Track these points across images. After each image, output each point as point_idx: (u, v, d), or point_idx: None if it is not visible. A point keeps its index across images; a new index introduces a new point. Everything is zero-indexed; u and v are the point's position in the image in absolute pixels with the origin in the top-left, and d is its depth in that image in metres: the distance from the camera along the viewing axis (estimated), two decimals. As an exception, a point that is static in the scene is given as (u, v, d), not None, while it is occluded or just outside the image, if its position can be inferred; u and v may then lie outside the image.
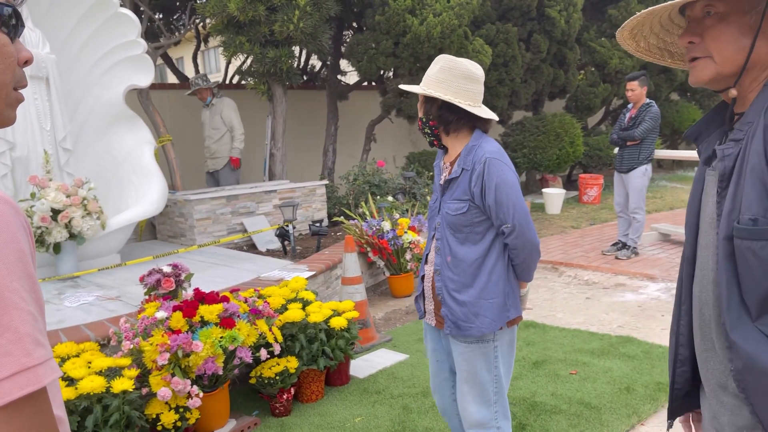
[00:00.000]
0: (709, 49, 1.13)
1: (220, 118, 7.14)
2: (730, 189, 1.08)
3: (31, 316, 0.70)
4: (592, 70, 10.96)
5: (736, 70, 1.12)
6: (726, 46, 1.12)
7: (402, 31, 7.19)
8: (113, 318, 3.49)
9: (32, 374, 0.67)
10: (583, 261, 6.56)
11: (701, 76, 1.16)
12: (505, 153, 2.21)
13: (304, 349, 3.49)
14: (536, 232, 2.17)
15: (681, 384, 1.33)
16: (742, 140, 1.09)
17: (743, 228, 1.04)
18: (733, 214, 1.06)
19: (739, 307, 1.07)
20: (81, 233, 4.54)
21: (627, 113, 6.43)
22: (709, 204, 1.19)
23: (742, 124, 1.11)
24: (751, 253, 1.03)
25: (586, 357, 3.92)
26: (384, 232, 5.23)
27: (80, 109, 5.45)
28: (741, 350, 1.06)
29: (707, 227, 1.19)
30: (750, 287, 1.05)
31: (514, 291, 2.23)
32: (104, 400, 2.75)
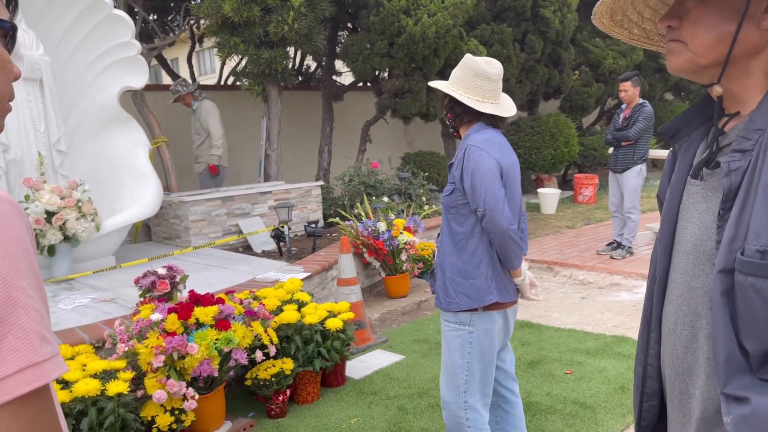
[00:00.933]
0: (685, 36, 0.98)
1: (199, 123, 7.14)
2: (734, 211, 0.88)
3: (38, 313, 0.71)
4: (586, 70, 10.99)
5: (716, 60, 0.95)
6: (703, 32, 0.95)
7: (397, 32, 7.19)
8: (108, 320, 3.48)
9: (38, 370, 0.68)
10: (578, 261, 6.58)
11: (673, 63, 1.00)
12: (496, 143, 2.30)
13: (300, 351, 3.49)
14: (509, 220, 2.21)
15: (648, 420, 1.16)
16: (750, 151, 0.89)
17: (748, 261, 0.84)
18: (735, 243, 0.87)
19: (737, 355, 0.88)
20: (75, 235, 4.53)
21: (621, 113, 6.45)
22: (693, 221, 1.01)
23: (748, 131, 0.91)
24: (756, 293, 0.83)
25: (581, 357, 3.93)
26: (379, 232, 5.24)
27: (74, 111, 5.43)
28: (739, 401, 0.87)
29: (689, 249, 1.01)
30: (752, 332, 0.85)
31: (499, 276, 2.28)
32: (99, 402, 2.74)
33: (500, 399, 2.55)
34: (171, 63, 14.06)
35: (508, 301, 2.31)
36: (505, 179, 2.28)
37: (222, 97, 8.84)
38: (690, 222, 1.02)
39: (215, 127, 7.12)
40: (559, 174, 11.83)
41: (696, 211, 1.01)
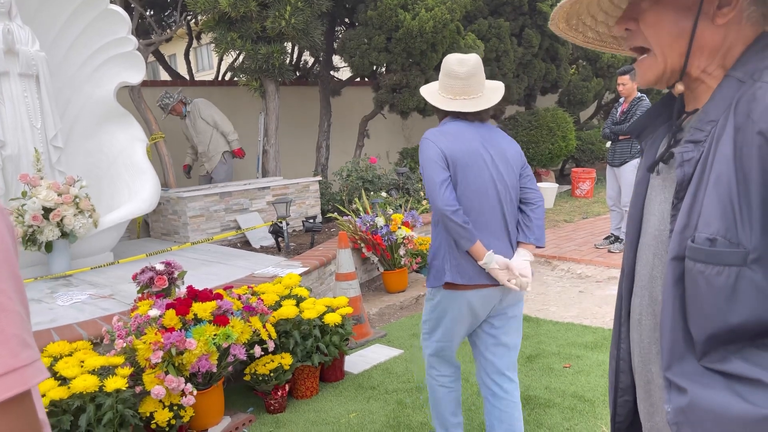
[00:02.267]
0: (648, 40, 0.97)
1: (201, 120, 7.11)
2: (686, 201, 0.90)
3: (18, 316, 0.70)
4: (584, 64, 10.98)
5: (680, 60, 0.96)
6: (665, 33, 0.95)
7: (394, 26, 7.17)
8: (106, 316, 3.47)
9: (19, 376, 0.67)
10: (576, 255, 6.58)
11: (648, 77, 1.00)
12: (451, 133, 2.40)
13: (299, 346, 3.49)
14: (446, 201, 2.30)
15: (624, 415, 1.17)
16: (703, 142, 0.91)
17: (698, 248, 0.86)
18: (687, 231, 0.89)
19: (682, 340, 0.90)
20: (73, 231, 4.52)
21: (619, 108, 6.45)
22: (654, 213, 1.04)
23: (701, 122, 0.92)
24: (704, 280, 0.86)
25: (579, 350, 3.94)
26: (378, 227, 5.23)
27: (71, 107, 5.42)
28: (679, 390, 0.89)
29: (650, 240, 1.03)
30: (698, 319, 0.88)
31: (455, 258, 2.38)
32: (97, 399, 2.74)
33: (487, 391, 2.58)
34: (169, 59, 14.01)
35: (465, 283, 2.37)
36: (454, 167, 2.36)
37: (219, 93, 8.82)
38: (652, 214, 1.04)
39: (221, 116, 7.16)
40: (556, 168, 11.83)
41: (656, 202, 1.03)
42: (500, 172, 2.42)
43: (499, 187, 2.41)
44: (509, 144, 2.50)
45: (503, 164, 2.44)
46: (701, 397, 0.86)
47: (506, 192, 2.43)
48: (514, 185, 2.47)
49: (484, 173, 2.39)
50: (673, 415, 0.89)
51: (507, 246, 2.42)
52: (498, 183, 2.41)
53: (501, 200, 2.42)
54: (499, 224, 2.41)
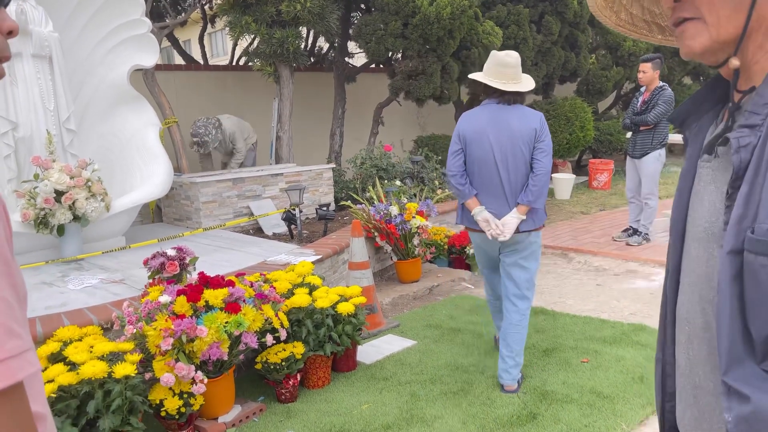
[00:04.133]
0: (700, 9, 0.88)
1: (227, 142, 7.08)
2: (743, 189, 0.82)
3: (5, 303, 0.62)
4: (603, 53, 10.77)
5: (735, 33, 0.87)
6: (721, 3, 0.86)
7: (411, 12, 7.04)
8: (116, 302, 3.43)
9: (4, 368, 0.59)
10: (593, 247, 6.46)
11: (694, 46, 0.90)
12: (470, 115, 3.27)
13: (311, 335, 3.43)
14: (450, 168, 3.25)
15: (672, 422, 1.09)
16: (760, 126, 0.83)
17: (759, 240, 0.79)
18: (744, 222, 0.82)
19: (741, 342, 0.82)
20: (85, 215, 4.48)
21: (640, 97, 6.29)
22: (704, 204, 0.95)
23: (757, 105, 0.85)
24: (766, 274, 0.79)
25: (597, 345, 3.84)
26: (392, 216, 5.15)
27: (84, 90, 5.36)
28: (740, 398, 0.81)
29: (700, 234, 0.95)
30: (759, 318, 0.80)
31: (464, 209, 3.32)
32: (106, 385, 2.69)
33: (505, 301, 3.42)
34: (183, 45, 13.93)
35: (471, 228, 3.32)
36: (464, 142, 3.22)
37: (233, 78, 8.74)
38: (700, 206, 0.96)
39: (241, 144, 7.14)
40: (573, 159, 11.65)
41: (706, 192, 0.95)
42: (500, 145, 3.12)
43: (498, 157, 3.13)
44: (520, 121, 3.13)
45: (506, 139, 3.12)
46: (766, 405, 0.78)
47: (505, 161, 3.13)
48: (518, 155, 3.12)
49: (485, 147, 3.15)
50: (735, 424, 0.81)
51: (504, 204, 3.18)
52: (497, 154, 3.13)
53: (498, 168, 3.14)
54: (496, 187, 3.18)
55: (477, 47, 7.93)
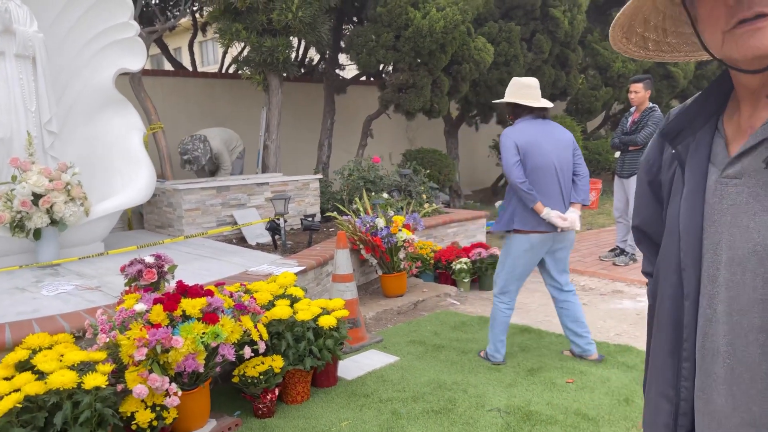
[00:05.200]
0: None
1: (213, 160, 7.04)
2: None
3: None
4: (593, 73, 10.84)
5: None
6: None
7: (404, 24, 7.03)
8: (90, 309, 3.32)
9: None
10: (579, 266, 6.43)
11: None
12: (520, 128, 3.60)
13: (291, 348, 3.33)
14: (518, 177, 3.55)
15: None
16: None
17: None
18: None
19: None
20: (63, 219, 4.36)
21: (629, 117, 6.30)
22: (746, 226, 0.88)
23: None
24: None
25: (583, 365, 3.78)
26: (378, 229, 5.08)
27: (68, 92, 5.26)
28: None
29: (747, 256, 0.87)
30: None
31: (521, 212, 3.61)
32: (75, 396, 2.58)
33: (555, 299, 3.90)
34: (174, 52, 13.85)
35: (528, 229, 3.62)
36: (523, 153, 3.57)
37: (222, 86, 8.68)
38: (738, 227, 0.88)
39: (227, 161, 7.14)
40: (561, 178, 11.68)
41: (747, 213, 0.87)
42: (556, 154, 3.60)
43: (556, 164, 3.60)
44: (563, 133, 3.68)
45: (557, 148, 3.61)
46: None
47: (560, 167, 3.61)
48: (567, 162, 3.65)
49: (545, 155, 3.57)
50: None
51: (561, 205, 3.63)
52: (555, 161, 3.59)
53: (557, 174, 3.60)
54: (555, 190, 3.61)
55: (468, 63, 7.94)
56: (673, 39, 1.04)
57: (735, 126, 0.94)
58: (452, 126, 9.97)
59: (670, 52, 1.07)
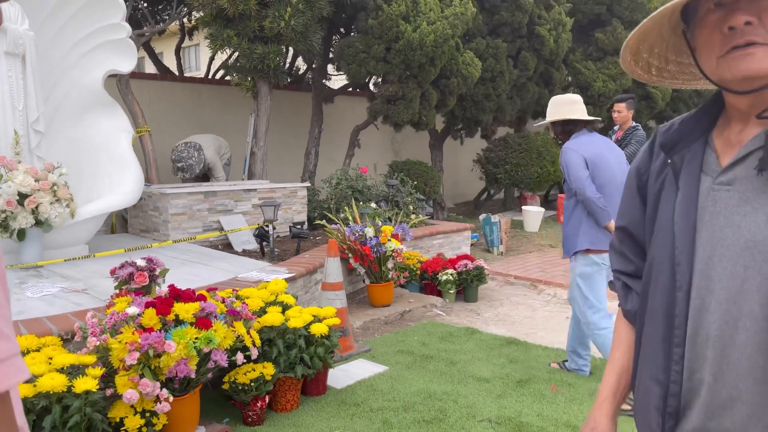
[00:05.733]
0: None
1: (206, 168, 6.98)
2: None
3: None
4: (576, 91, 11.02)
5: None
6: None
7: (395, 37, 7.09)
8: (79, 312, 3.26)
9: None
10: (562, 280, 6.50)
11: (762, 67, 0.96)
12: (583, 142, 3.53)
13: (282, 356, 3.31)
14: (592, 191, 3.44)
15: None
16: None
17: None
18: None
19: None
20: (48, 220, 4.29)
21: (612, 136, 6.41)
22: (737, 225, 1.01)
23: None
24: None
25: (571, 378, 3.81)
26: (367, 238, 5.08)
27: (56, 92, 5.19)
28: None
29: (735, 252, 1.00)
30: None
31: (591, 231, 3.49)
32: (65, 400, 2.53)
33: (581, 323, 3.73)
34: (159, 56, 13.72)
35: (599, 249, 3.47)
36: (592, 165, 3.49)
37: (209, 92, 8.64)
38: (730, 227, 1.01)
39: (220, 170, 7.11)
40: (542, 193, 11.81)
41: (738, 214, 1.01)
42: (619, 168, 3.55)
43: (619, 178, 3.50)
44: (615, 147, 3.67)
45: (619, 162, 3.58)
46: None
47: (622, 181, 3.43)
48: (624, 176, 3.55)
49: (611, 169, 3.51)
50: None
51: None
52: (619, 175, 3.51)
53: (620, 188, 3.45)
54: None
55: (456, 77, 8.02)
56: (673, 67, 1.19)
57: (724, 141, 1.07)
58: (437, 139, 10.04)
59: (669, 78, 1.21)
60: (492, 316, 5.40)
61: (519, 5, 8.82)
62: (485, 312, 5.52)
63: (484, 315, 5.42)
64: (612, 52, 10.45)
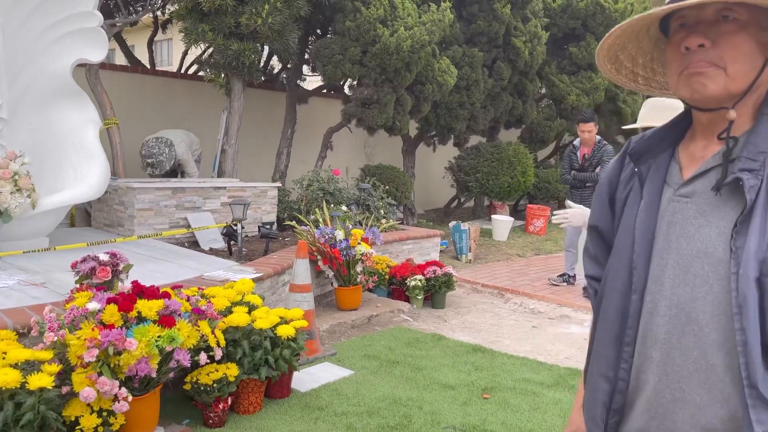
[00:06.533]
0: (725, 59, 1.01)
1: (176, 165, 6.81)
2: (755, 224, 0.97)
3: None
4: (548, 103, 11.17)
5: (742, 89, 1.02)
6: (743, 59, 1.01)
7: (372, 40, 7.08)
8: (36, 306, 3.15)
9: None
10: (528, 290, 6.56)
11: (708, 89, 1.03)
12: None
13: (246, 357, 3.25)
14: None
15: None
16: (759, 171, 1.00)
17: None
18: (759, 253, 0.96)
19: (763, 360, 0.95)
20: (8, 210, 4.14)
21: (577, 152, 6.49)
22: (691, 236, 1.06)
23: (753, 153, 1.01)
24: None
25: (535, 387, 3.83)
26: (337, 241, 5.04)
27: (21, 78, 5.01)
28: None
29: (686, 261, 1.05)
30: None
31: None
32: (18, 396, 2.44)
33: None
34: (130, 49, 13.45)
35: None
36: None
37: (182, 87, 8.49)
38: (684, 237, 1.06)
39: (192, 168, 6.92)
40: (511, 203, 11.92)
41: (693, 226, 1.06)
42: None
43: None
44: None
45: None
46: None
47: None
48: None
49: None
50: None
51: None
52: None
53: None
54: None
55: (431, 84, 8.05)
56: (661, 78, 1.25)
57: (689, 155, 1.12)
58: (410, 145, 10.05)
59: (659, 89, 1.27)
60: (459, 323, 5.41)
61: (496, 16, 8.90)
62: (452, 319, 5.53)
63: (450, 322, 5.43)
64: (586, 66, 10.62)
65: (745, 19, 1.00)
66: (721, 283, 1.00)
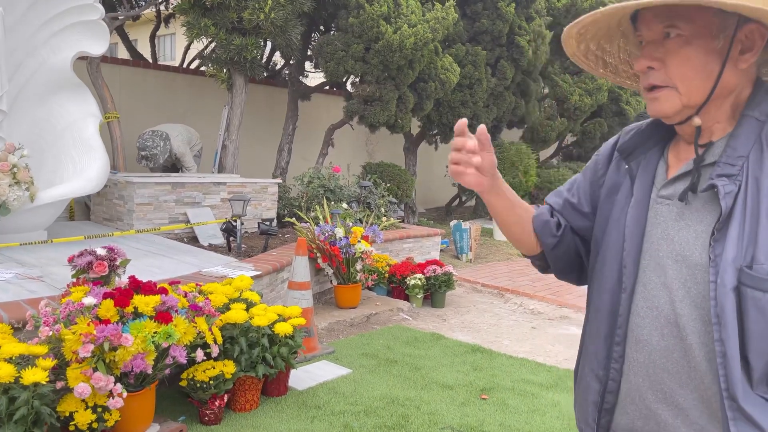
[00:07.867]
0: (673, 78, 1.02)
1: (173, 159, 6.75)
2: (733, 232, 0.96)
3: None
4: (550, 103, 11.13)
5: (702, 99, 1.02)
6: (693, 74, 1.01)
7: (375, 37, 7.04)
8: (32, 299, 3.13)
9: None
10: (529, 290, 6.53)
11: (665, 109, 1.04)
12: None
13: (244, 354, 3.22)
14: None
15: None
16: (737, 176, 0.99)
17: (759, 277, 0.92)
18: (737, 261, 0.94)
19: (740, 367, 0.94)
20: (6, 203, 4.12)
21: None
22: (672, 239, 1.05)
23: (731, 157, 1.00)
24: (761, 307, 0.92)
25: (534, 388, 3.81)
26: (337, 238, 5.02)
27: (22, 71, 4.99)
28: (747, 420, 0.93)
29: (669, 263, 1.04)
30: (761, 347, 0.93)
31: None
32: (11, 391, 2.41)
33: None
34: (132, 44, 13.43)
35: None
36: None
37: (183, 81, 8.47)
38: (665, 239, 1.05)
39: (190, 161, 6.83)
40: (513, 203, 11.88)
41: (673, 228, 1.05)
42: None
43: None
44: None
45: None
46: None
47: None
48: None
49: None
50: None
51: None
52: None
53: None
54: None
55: (434, 81, 8.01)
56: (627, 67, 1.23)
57: (675, 155, 1.11)
58: (412, 143, 10.02)
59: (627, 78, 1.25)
60: (458, 322, 5.38)
61: (500, 14, 8.86)
62: (451, 318, 5.50)
63: (450, 321, 5.41)
64: (588, 67, 10.59)
65: (688, 33, 0.99)
66: (699, 287, 0.99)
